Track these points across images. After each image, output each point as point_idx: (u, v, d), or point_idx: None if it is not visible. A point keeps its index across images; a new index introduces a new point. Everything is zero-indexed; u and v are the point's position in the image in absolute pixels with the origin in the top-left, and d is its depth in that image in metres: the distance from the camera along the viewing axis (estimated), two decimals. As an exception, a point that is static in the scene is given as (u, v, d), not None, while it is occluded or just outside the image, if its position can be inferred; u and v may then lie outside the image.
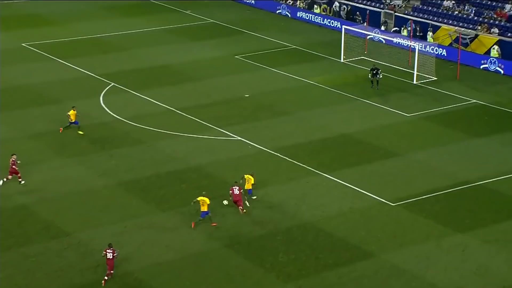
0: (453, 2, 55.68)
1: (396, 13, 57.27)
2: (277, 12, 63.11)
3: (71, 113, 38.76)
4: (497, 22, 52.71)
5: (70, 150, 37.37)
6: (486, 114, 42.90)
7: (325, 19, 59.88)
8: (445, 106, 43.85)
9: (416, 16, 56.08)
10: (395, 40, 53.37)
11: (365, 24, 55.23)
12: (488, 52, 50.96)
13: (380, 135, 39.76)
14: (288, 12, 62.43)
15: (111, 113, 41.82)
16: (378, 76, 46.03)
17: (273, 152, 37.39)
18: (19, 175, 33.63)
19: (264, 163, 36.18)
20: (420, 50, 48.92)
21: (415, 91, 46.26)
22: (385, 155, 37.27)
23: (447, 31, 53.34)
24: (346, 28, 52.21)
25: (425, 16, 56.00)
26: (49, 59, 50.98)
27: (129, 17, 61.26)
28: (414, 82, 47.50)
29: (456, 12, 54.98)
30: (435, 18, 55.42)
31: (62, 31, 57.38)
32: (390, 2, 58.35)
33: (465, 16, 54.38)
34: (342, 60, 51.40)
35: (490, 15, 53.33)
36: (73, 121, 38.80)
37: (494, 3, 54.34)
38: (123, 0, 66.51)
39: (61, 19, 60.45)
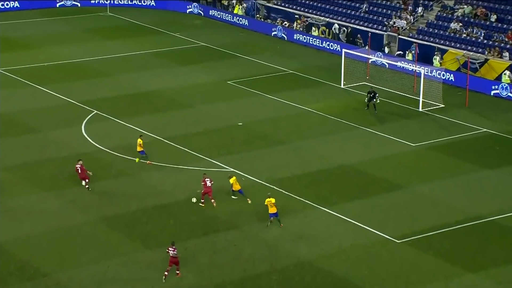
0: (461, 24, 56.34)
1: (400, 36, 57.91)
2: (273, 34, 63.72)
3: (139, 142, 38.92)
4: (508, 45, 53.33)
5: (49, 183, 37.42)
6: (497, 143, 43.20)
7: (324, 42, 60.47)
8: (452, 135, 44.15)
9: (421, 39, 56.71)
10: (399, 64, 53.87)
11: (366, 47, 55.78)
12: (499, 77, 51.46)
13: (383, 166, 39.94)
14: (284, 34, 63.04)
15: (94, 143, 41.98)
16: (374, 100, 46.40)
17: (267, 184, 37.50)
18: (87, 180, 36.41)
19: (258, 196, 36.26)
20: (426, 75, 49.36)
21: (420, 119, 46.60)
22: (388, 188, 37.43)
23: (455, 55, 53.87)
24: (346, 52, 52.71)
25: (431, 39, 56.62)
26: (26, 85, 51.27)
27: (113, 40, 61.75)
28: (420, 109, 47.87)
29: (464, 35, 55.60)
30: (442, 41, 56.02)
31: (40, 55, 57.76)
32: (394, 24, 59.04)
33: (474, 39, 55.00)
34: (342, 86, 51.82)
35: (500, 38, 53.96)
36: (140, 150, 38.99)
37: (505, 26, 55.03)
38: (106, 22, 67.11)
39: (39, 42, 60.88)
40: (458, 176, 38.86)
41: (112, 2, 70.85)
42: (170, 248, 29.82)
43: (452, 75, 52.72)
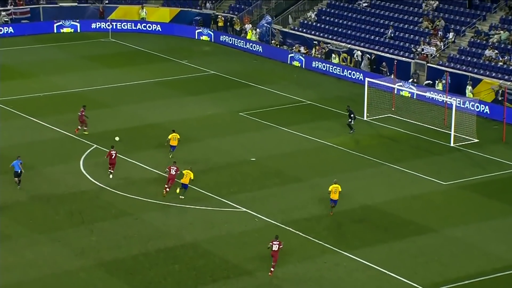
0: (496, 51, 56.34)
1: (429, 64, 57.97)
2: (289, 62, 63.96)
3: (172, 136, 43.82)
4: (548, 74, 53.25)
5: (42, 225, 37.39)
6: (538, 182, 42.98)
7: (345, 70, 60.60)
8: (488, 173, 43.91)
9: (452, 68, 56.73)
10: (428, 95, 53.85)
11: (392, 76, 55.82)
12: (538, 109, 51.22)
13: (411, 206, 39.71)
14: (301, 61, 63.27)
15: (93, 180, 42.01)
16: (350, 120, 47.74)
17: (283, 226, 37.34)
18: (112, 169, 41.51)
19: (272, 238, 36.08)
20: (458, 106, 49.28)
21: (452, 155, 46.41)
22: (416, 231, 37.17)
23: (490, 85, 53.81)
24: (370, 81, 52.79)
25: (464, 68, 56.64)
26: (19, 117, 51.52)
27: (115, 68, 62.14)
28: (451, 145, 47.71)
29: (501, 63, 55.58)
30: (476, 70, 56.03)
31: (36, 84, 58.16)
32: (422, 50, 59.14)
33: (511, 68, 54.94)
34: (365, 118, 51.79)
35: (540, 66, 53.87)
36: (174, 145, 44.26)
37: (545, 52, 55.03)
38: (107, 48, 67.64)
39: (34, 70, 61.34)
40: (494, 219, 38.55)
41: (114, 27, 71.55)
42: (274, 242, 33.01)
43: (487, 107, 52.61)
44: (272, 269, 33.24)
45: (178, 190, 39.86)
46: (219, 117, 51.84)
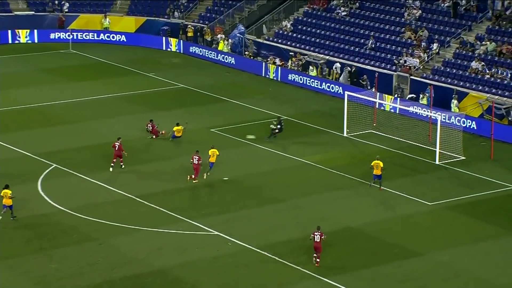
0: (483, 63, 56.69)
1: (412, 77, 58.21)
2: (264, 75, 63.95)
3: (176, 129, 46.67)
4: (538, 87, 53.67)
5: (-2, 250, 36.91)
6: (529, 202, 43.17)
7: (323, 83, 60.70)
8: (476, 192, 44.04)
9: (437, 80, 57.01)
10: (411, 109, 54.01)
11: (373, 90, 55.97)
12: (528, 124, 51.58)
13: (395, 228, 39.68)
14: (277, 74, 63.28)
15: (52, 203, 41.57)
16: (275, 130, 49.79)
17: (259, 251, 37.12)
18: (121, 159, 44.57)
19: (248, 264, 35.82)
20: (443, 122, 49.47)
21: (438, 174, 46.51)
22: (402, 255, 37.10)
23: (477, 99, 54.11)
24: (350, 95, 52.87)
25: (449, 81, 56.94)
26: (-26, 133, 50.98)
27: (77, 82, 61.73)
28: (437, 163, 47.83)
29: (488, 76, 55.93)
30: (461, 83, 56.35)
31: (-8, 98, 57.65)
32: (405, 62, 59.39)
33: (499, 80, 55.31)
34: (345, 134, 51.81)
35: (530, 79, 54.29)
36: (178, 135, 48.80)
37: (535, 64, 55.48)
38: (68, 60, 67.21)
39: (-10, 83, 60.83)
40: (484, 242, 38.63)
41: (75, 37, 71.09)
42: (316, 233, 35.56)
43: (474, 122, 52.87)
44: (318, 259, 35.50)
45: (205, 176, 43.60)
46: (190, 134, 51.56)
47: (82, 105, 56.85)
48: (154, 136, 50.16)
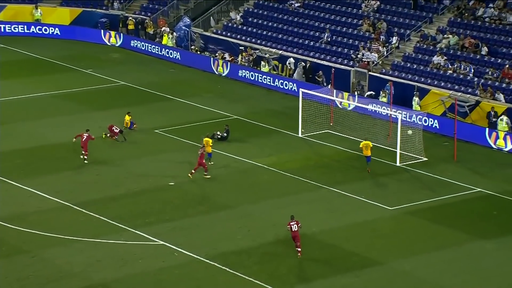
0: (445, 58, 57.51)
1: (370, 72, 58.80)
2: (212, 71, 64.09)
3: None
4: (504, 84, 54.52)
5: None
6: (495, 207, 43.79)
7: (276, 80, 61.06)
8: (438, 196, 44.60)
9: (397, 76, 57.64)
10: (370, 107, 54.55)
11: (329, 87, 56.46)
12: (493, 124, 52.34)
13: (353, 235, 40.05)
14: (226, 70, 63.48)
15: (-19, 211, 41.35)
16: (217, 135, 50.29)
17: (208, 261, 37.26)
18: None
19: (196, 276, 35.98)
20: (403, 121, 50.04)
21: (398, 176, 47.07)
22: (360, 264, 37.47)
23: (439, 96, 54.81)
24: (305, 92, 53.25)
25: (409, 77, 57.63)
26: None
27: (5, 79, 61.11)
28: (397, 164, 48.40)
29: (450, 72, 56.71)
30: (423, 79, 57.02)
31: None
32: (362, 57, 59.98)
33: (461, 76, 56.12)
34: (300, 135, 52.21)
35: (495, 75, 55.10)
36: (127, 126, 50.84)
37: (499, 60, 56.32)
38: (-1, 55, 66.81)
39: None
40: (447, 248, 39.15)
41: (2, 30, 70.40)
42: (291, 223, 37.29)
43: (436, 121, 53.54)
44: (299, 249, 37.19)
45: (207, 175, 45.65)
46: (133, 135, 51.53)
47: (11, 105, 56.38)
48: (112, 136, 50.48)
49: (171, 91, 59.62)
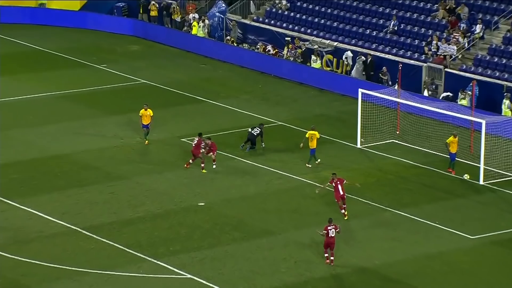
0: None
1: (447, 69, 58.53)
2: (252, 67, 64.18)
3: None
4: None
5: None
6: None
7: (330, 78, 61.05)
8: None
9: (481, 74, 57.26)
10: (447, 112, 54.18)
11: (395, 87, 56.25)
12: None
13: (424, 270, 39.86)
14: (266, 68, 63.53)
15: (-29, 235, 41.72)
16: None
17: (245, 301, 37.44)
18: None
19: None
20: (490, 129, 49.71)
21: (481, 198, 46.87)
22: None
23: (533, 97, 54.54)
24: (365, 93, 53.17)
25: (497, 74, 57.25)
26: None
27: (3, 76, 61.69)
28: (481, 183, 48.14)
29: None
30: (512, 77, 56.75)
31: None
32: (437, 51, 59.67)
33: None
34: (358, 146, 52.14)
35: None
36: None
37: None
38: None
39: None
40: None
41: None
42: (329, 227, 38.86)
43: (529, 129, 53.29)
44: (332, 257, 38.84)
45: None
46: (154, 145, 51.72)
47: (11, 107, 56.97)
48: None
49: (201, 91, 59.86)
